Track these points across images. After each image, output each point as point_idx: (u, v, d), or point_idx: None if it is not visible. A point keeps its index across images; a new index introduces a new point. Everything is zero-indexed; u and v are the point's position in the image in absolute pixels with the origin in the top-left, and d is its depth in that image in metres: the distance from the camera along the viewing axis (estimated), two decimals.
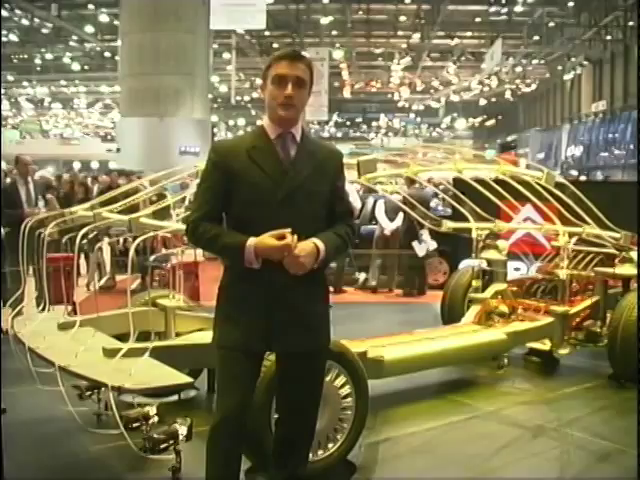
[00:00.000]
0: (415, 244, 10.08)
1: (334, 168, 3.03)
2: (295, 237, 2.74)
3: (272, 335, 2.87)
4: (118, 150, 24.07)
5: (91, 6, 29.92)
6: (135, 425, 3.93)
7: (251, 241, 2.76)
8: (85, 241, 4.79)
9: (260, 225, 2.78)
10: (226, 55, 33.41)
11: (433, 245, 10.15)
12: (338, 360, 3.99)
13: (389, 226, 10.48)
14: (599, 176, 29.15)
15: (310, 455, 3.70)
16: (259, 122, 3.13)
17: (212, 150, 2.97)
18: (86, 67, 40.62)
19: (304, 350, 2.93)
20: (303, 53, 3.02)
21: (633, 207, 5.87)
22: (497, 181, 6.51)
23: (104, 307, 5.06)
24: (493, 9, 30.05)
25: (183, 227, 4.90)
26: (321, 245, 2.82)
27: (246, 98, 46.70)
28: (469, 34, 34.97)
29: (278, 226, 2.77)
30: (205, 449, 3.00)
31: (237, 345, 2.88)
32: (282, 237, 2.73)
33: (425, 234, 9.96)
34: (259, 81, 3.06)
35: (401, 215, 10.30)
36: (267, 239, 2.73)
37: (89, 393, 4.59)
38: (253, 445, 3.52)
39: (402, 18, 32.70)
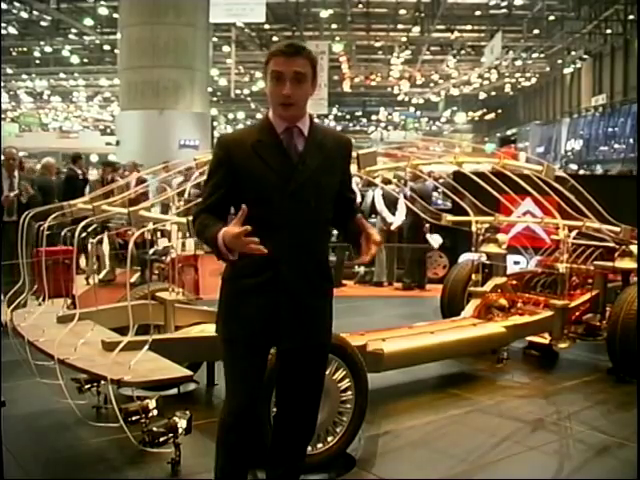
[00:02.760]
0: (429, 237, 10.12)
1: (343, 158, 2.97)
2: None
3: (279, 330, 2.81)
4: (117, 143, 24.04)
5: None
6: (134, 418, 3.93)
7: (220, 234, 2.60)
8: (84, 234, 4.77)
9: (267, 222, 2.71)
10: (226, 48, 33.34)
11: (439, 240, 10.19)
12: (338, 353, 3.98)
13: (396, 221, 10.45)
14: (599, 170, 29.14)
15: (310, 448, 3.70)
16: (259, 115, 3.05)
17: (217, 145, 2.90)
18: (85, 60, 40.57)
19: (309, 345, 2.90)
20: (302, 44, 2.85)
21: (633, 201, 5.88)
22: (497, 174, 6.50)
23: (103, 300, 5.06)
24: (493, 2, 30.00)
25: (182, 220, 4.95)
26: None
27: (246, 91, 46.58)
28: (469, 27, 34.90)
29: (285, 223, 2.74)
30: (215, 444, 2.95)
31: (245, 339, 2.83)
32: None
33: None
34: (259, 74, 2.99)
35: (403, 209, 10.29)
36: (230, 228, 2.58)
37: (88, 386, 4.59)
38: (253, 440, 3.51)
39: (402, 11, 32.61)
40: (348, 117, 64.38)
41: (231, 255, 2.61)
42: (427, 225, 9.91)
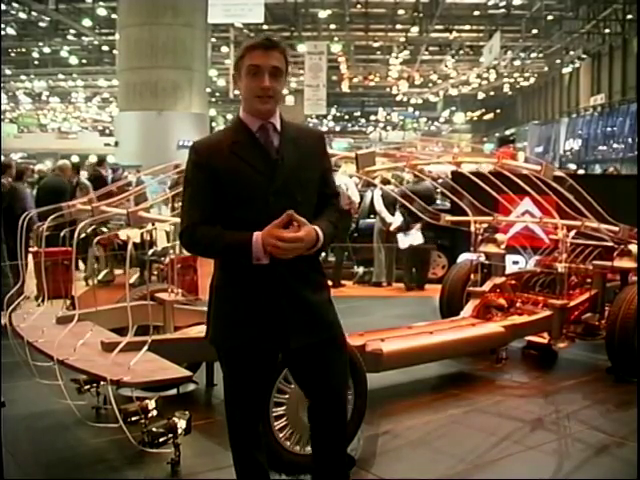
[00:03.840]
0: (400, 236, 10.13)
1: (319, 150, 2.93)
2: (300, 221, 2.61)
3: (286, 331, 2.76)
4: (116, 144, 24.06)
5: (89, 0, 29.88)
6: (134, 419, 3.94)
7: (257, 235, 2.60)
8: (83, 235, 4.78)
9: (254, 222, 2.66)
10: (224, 49, 33.38)
11: (419, 240, 10.15)
12: None
13: (395, 221, 10.45)
14: (597, 170, 29.13)
15: (309, 448, 3.70)
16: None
17: (193, 151, 2.81)
18: (84, 61, 40.60)
19: (318, 340, 2.83)
20: (276, 39, 2.83)
21: (631, 200, 5.88)
22: (496, 174, 6.51)
23: (103, 301, 5.06)
24: (491, 2, 30.01)
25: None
26: (321, 235, 2.70)
27: None
28: (467, 27, 34.93)
29: (272, 221, 2.64)
30: (232, 458, 2.96)
31: (253, 346, 2.78)
32: (286, 225, 2.61)
33: (415, 228, 10.00)
34: None
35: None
36: (276, 230, 2.59)
37: (88, 387, 4.60)
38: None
39: (400, 11, 32.63)
40: (347, 117, 64.41)
41: (265, 259, 2.63)
42: (418, 225, 9.92)
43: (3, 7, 28.19)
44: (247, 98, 2.78)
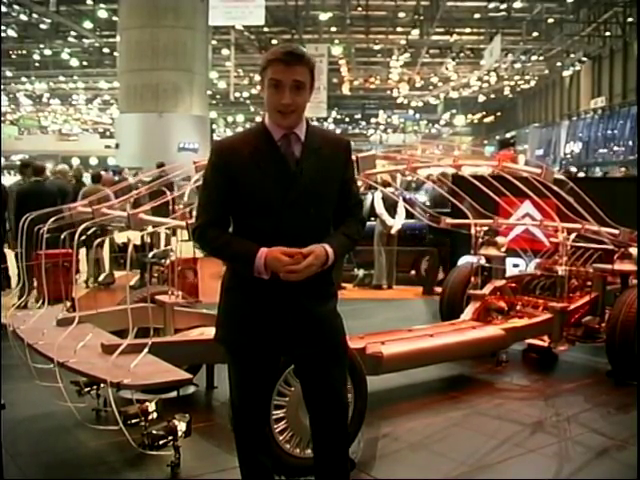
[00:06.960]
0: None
1: (342, 161, 2.88)
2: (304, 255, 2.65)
3: (288, 339, 2.79)
4: (117, 146, 24.08)
5: (90, 1, 29.88)
6: (134, 421, 3.94)
7: (262, 252, 2.64)
8: (84, 237, 4.78)
9: (266, 231, 2.69)
10: (225, 51, 33.40)
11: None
12: None
13: (396, 224, 10.47)
14: (598, 172, 29.14)
15: (309, 451, 3.71)
16: (258, 118, 3.02)
17: (213, 151, 2.83)
18: (85, 63, 40.62)
19: (320, 349, 2.85)
20: (300, 50, 2.76)
21: (632, 203, 5.88)
22: (496, 177, 6.51)
23: (103, 303, 5.06)
24: (492, 5, 30.03)
25: (182, 223, 4.95)
26: (330, 252, 2.71)
27: (245, 94, 46.68)
28: (468, 30, 34.95)
29: (284, 232, 2.68)
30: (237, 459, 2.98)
31: (253, 350, 2.81)
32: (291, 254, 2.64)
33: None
34: (258, 78, 2.92)
35: (403, 212, 10.30)
36: (279, 254, 2.64)
37: (88, 389, 4.60)
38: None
39: (401, 14, 32.66)
40: (347, 120, 64.47)
41: (266, 274, 2.66)
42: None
43: (4, 9, 28.21)
44: (269, 109, 2.76)
